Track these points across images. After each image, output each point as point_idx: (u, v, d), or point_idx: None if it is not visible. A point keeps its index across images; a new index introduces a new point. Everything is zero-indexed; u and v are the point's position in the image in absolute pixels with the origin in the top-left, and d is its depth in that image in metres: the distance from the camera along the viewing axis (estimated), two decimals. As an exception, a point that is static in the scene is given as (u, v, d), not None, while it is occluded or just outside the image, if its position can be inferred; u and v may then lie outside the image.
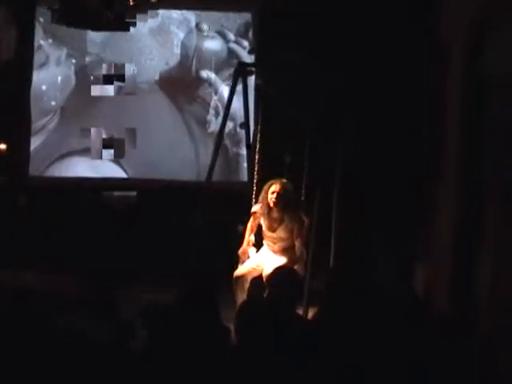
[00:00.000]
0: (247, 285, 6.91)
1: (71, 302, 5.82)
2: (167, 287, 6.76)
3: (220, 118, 8.55)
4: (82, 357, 3.62)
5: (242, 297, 6.76)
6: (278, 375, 3.70)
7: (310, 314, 6.41)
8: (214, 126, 9.41)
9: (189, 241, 7.54)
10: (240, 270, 6.99)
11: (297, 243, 6.94)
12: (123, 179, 9.48)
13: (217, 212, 7.99)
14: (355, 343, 3.95)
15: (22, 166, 9.34)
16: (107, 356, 3.79)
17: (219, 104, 9.50)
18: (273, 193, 6.88)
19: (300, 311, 6.39)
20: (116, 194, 9.27)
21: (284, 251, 7.00)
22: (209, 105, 9.57)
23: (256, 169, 7.35)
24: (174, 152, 9.58)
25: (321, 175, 7.13)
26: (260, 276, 6.88)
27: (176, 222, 8.84)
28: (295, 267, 6.66)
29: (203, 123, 9.61)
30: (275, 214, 6.94)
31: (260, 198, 7.02)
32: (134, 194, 9.28)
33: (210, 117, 9.60)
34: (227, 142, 9.41)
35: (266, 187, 6.96)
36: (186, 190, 9.01)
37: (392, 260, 7.86)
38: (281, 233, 6.96)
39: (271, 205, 6.89)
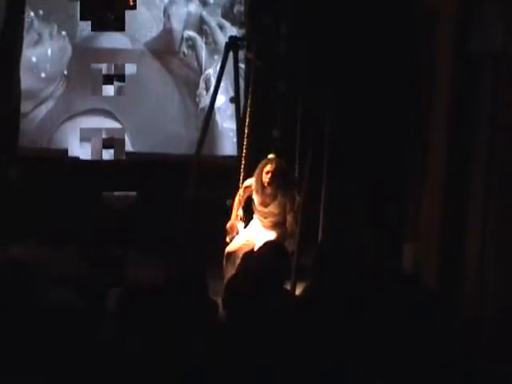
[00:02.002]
0: (238, 261, 6.92)
1: (60, 275, 5.81)
2: (156, 263, 6.81)
3: (210, 92, 8.56)
4: (69, 330, 3.62)
5: (231, 272, 6.75)
6: (266, 350, 3.70)
7: (298, 290, 6.43)
8: (205, 100, 9.40)
9: (178, 215, 7.54)
10: (231, 246, 7.00)
11: (289, 218, 6.96)
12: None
13: (206, 186, 7.98)
14: (342, 318, 3.97)
15: (12, 139, 9.31)
16: (94, 331, 3.79)
17: (209, 78, 9.49)
18: (267, 172, 6.87)
19: (288, 287, 6.41)
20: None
21: (275, 226, 7.02)
22: (200, 72, 9.58)
23: (245, 143, 7.34)
24: (165, 124, 9.59)
25: (310, 151, 7.13)
26: (251, 251, 6.88)
27: (165, 196, 8.83)
28: (285, 242, 6.70)
29: (194, 95, 9.61)
30: (269, 191, 6.94)
31: (254, 174, 7.01)
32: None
33: (201, 90, 9.58)
34: (217, 115, 9.40)
35: (260, 165, 6.94)
36: (175, 164, 9.00)
37: (380, 238, 7.88)
38: (273, 208, 6.99)
39: (265, 184, 6.90)
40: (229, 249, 6.99)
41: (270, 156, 7.02)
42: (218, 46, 9.40)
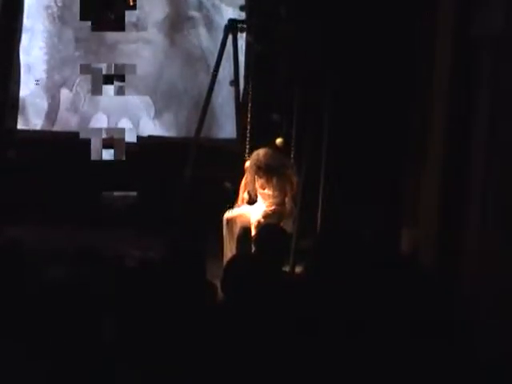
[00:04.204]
0: (236, 229, 7.07)
1: (58, 254, 5.83)
2: (154, 244, 6.82)
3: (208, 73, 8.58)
4: (70, 308, 3.63)
5: (230, 240, 7.00)
6: (264, 333, 3.71)
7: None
8: (203, 80, 9.42)
9: (177, 197, 7.55)
10: (230, 213, 7.12)
11: (287, 199, 7.07)
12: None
13: (205, 169, 7.99)
14: (341, 301, 3.97)
15: (11, 119, 9.31)
16: (93, 309, 3.80)
17: (209, 60, 9.50)
18: (258, 167, 6.96)
19: (286, 269, 6.42)
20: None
21: (276, 207, 7.10)
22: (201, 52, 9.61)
23: (249, 127, 7.37)
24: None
25: (310, 134, 7.14)
26: (249, 223, 6.98)
27: (165, 179, 8.83)
28: (283, 223, 6.76)
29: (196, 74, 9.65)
30: (263, 179, 7.04)
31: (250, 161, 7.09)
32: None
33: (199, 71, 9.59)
34: (216, 98, 9.40)
35: (254, 156, 7.04)
36: (174, 146, 9.01)
37: (379, 223, 7.89)
38: (270, 191, 7.08)
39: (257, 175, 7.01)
40: (227, 215, 7.10)
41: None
42: (214, 26, 9.41)
